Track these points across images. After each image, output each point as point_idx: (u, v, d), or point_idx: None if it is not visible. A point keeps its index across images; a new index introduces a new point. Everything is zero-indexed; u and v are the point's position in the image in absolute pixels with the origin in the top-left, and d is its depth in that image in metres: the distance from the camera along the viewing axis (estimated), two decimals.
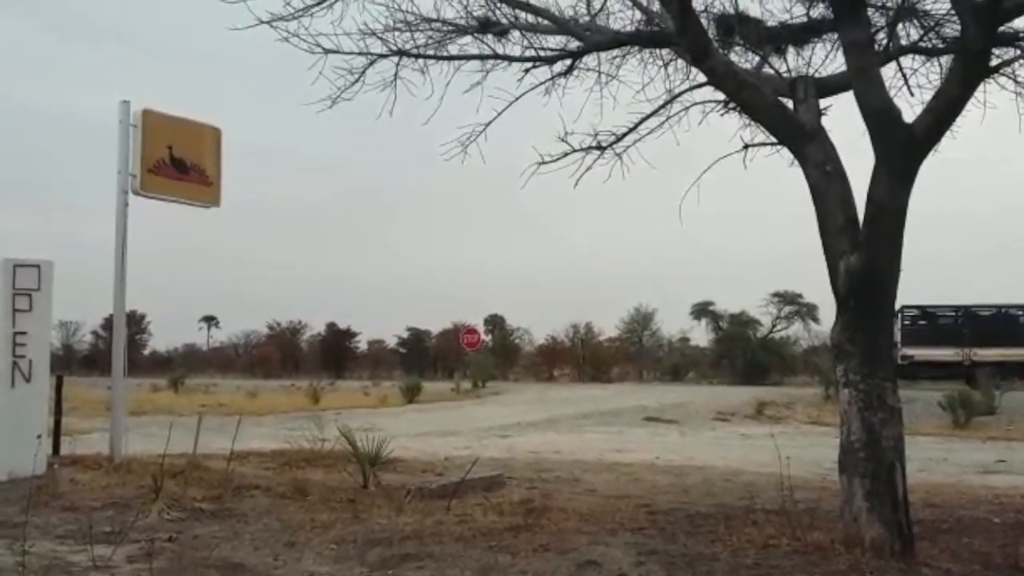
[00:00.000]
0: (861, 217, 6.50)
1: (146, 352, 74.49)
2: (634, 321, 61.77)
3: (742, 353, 54.57)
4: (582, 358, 56.40)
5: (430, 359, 68.36)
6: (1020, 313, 38.03)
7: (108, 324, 47.36)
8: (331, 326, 73.09)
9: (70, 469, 9.34)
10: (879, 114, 6.37)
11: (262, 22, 7.54)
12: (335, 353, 70.75)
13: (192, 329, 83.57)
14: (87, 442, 11.86)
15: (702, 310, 59.64)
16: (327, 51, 7.74)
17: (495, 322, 69.63)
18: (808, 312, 56.46)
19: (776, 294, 57.65)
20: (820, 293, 38.88)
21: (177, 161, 10.67)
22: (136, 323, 68.60)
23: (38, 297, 9.04)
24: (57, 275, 9.30)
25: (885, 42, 7.76)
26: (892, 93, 7.07)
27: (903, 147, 6.31)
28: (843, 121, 7.32)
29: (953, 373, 33.83)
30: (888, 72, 7.68)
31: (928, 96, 7.01)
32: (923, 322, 36.08)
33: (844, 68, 7.24)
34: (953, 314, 36.58)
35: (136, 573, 5.51)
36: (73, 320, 70.14)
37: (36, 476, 8.40)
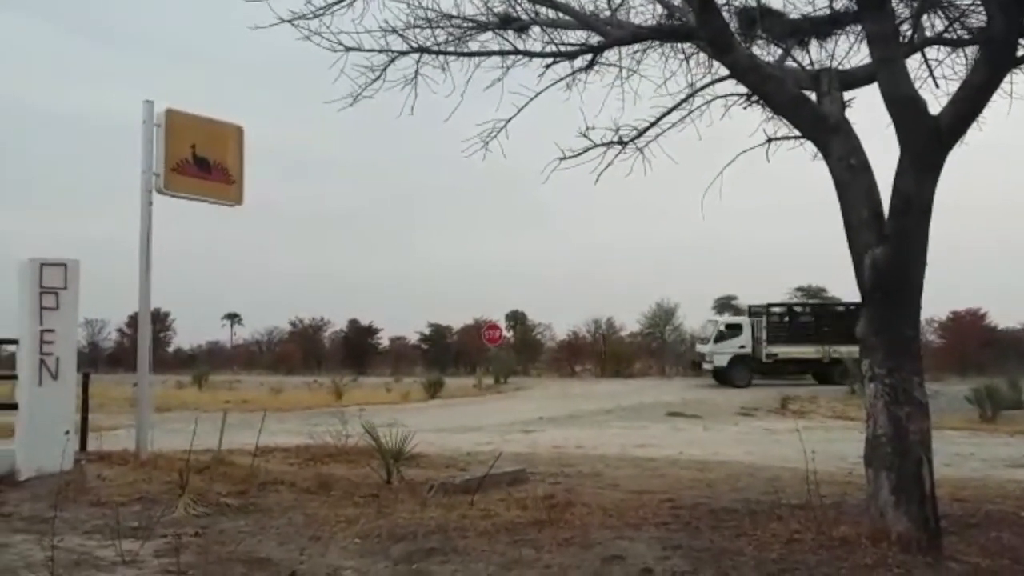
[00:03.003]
0: (886, 210, 6.45)
1: (171, 349, 75.03)
2: (656, 316, 61.44)
3: None
4: (603, 353, 56.13)
5: (452, 355, 68.35)
6: None
7: (133, 322, 47.79)
8: (353, 323, 73.35)
9: (97, 465, 9.42)
10: (904, 106, 6.31)
11: (283, 21, 7.56)
12: (357, 350, 70.93)
13: (215, 326, 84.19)
14: (114, 438, 11.99)
15: (725, 304, 59.39)
16: (348, 49, 7.75)
17: (516, 318, 69.55)
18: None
19: (800, 288, 57.31)
20: (844, 287, 38.70)
21: (200, 160, 10.73)
22: (161, 321, 69.14)
23: (64, 296, 9.12)
24: (82, 273, 9.38)
25: (910, 33, 7.69)
26: (917, 85, 7.01)
27: (929, 139, 6.25)
28: (867, 113, 7.28)
29: (814, 369, 34.70)
30: (913, 63, 7.63)
31: (953, 87, 6.95)
32: (786, 320, 36.56)
33: (868, 60, 7.19)
34: (812, 312, 37.57)
35: (163, 567, 5.56)
36: (98, 318, 70.82)
37: (64, 472, 8.47)
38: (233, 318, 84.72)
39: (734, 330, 35.06)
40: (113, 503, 7.51)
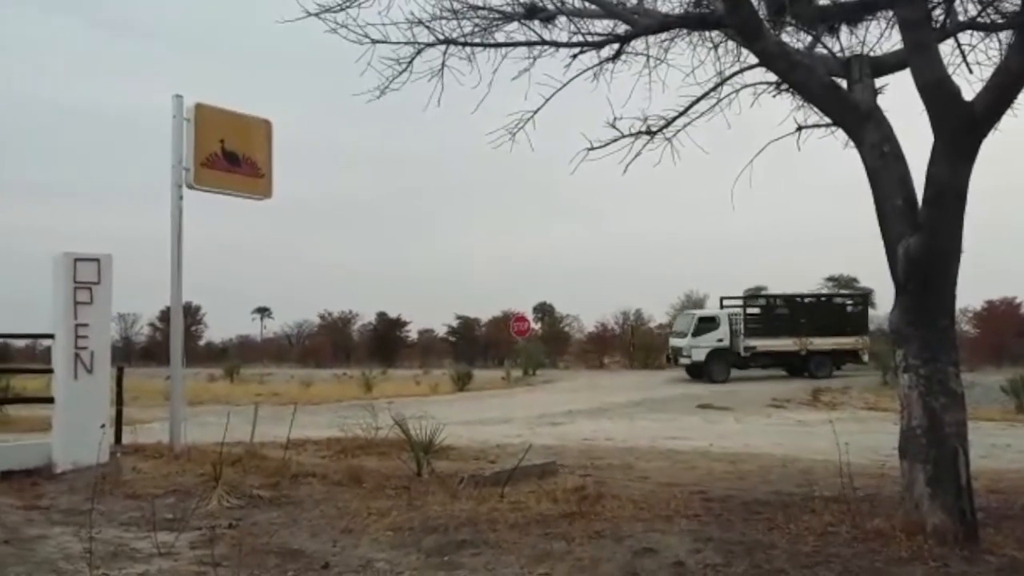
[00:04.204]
0: (920, 198, 6.36)
1: (202, 343, 75.68)
2: (684, 307, 61.21)
3: None
4: (632, 345, 55.91)
5: (480, 347, 68.39)
6: (849, 302, 38.75)
7: (165, 316, 48.25)
8: (382, 316, 73.61)
9: (132, 458, 9.55)
10: (937, 92, 6.20)
11: (310, 14, 7.59)
12: (386, 342, 71.20)
13: (246, 320, 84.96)
14: (148, 431, 12.12)
15: (754, 296, 58.81)
16: (375, 41, 7.76)
17: (544, 310, 69.51)
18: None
19: (830, 278, 56.67)
20: (876, 277, 38.33)
21: (229, 154, 10.82)
22: (192, 315, 69.83)
23: (98, 290, 9.24)
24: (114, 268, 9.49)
25: (942, 18, 7.55)
26: (950, 71, 6.88)
27: (963, 125, 6.14)
28: (900, 100, 7.17)
29: (791, 362, 34.20)
30: (945, 49, 7.48)
31: (987, 73, 6.81)
32: (763, 313, 36.08)
33: (900, 46, 7.09)
34: (789, 304, 36.70)
35: (198, 559, 5.62)
36: (131, 312, 71.68)
37: (100, 465, 8.61)
38: (263, 312, 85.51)
39: (710, 323, 34.08)
40: (148, 495, 7.61)
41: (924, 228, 6.21)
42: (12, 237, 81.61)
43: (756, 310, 36.06)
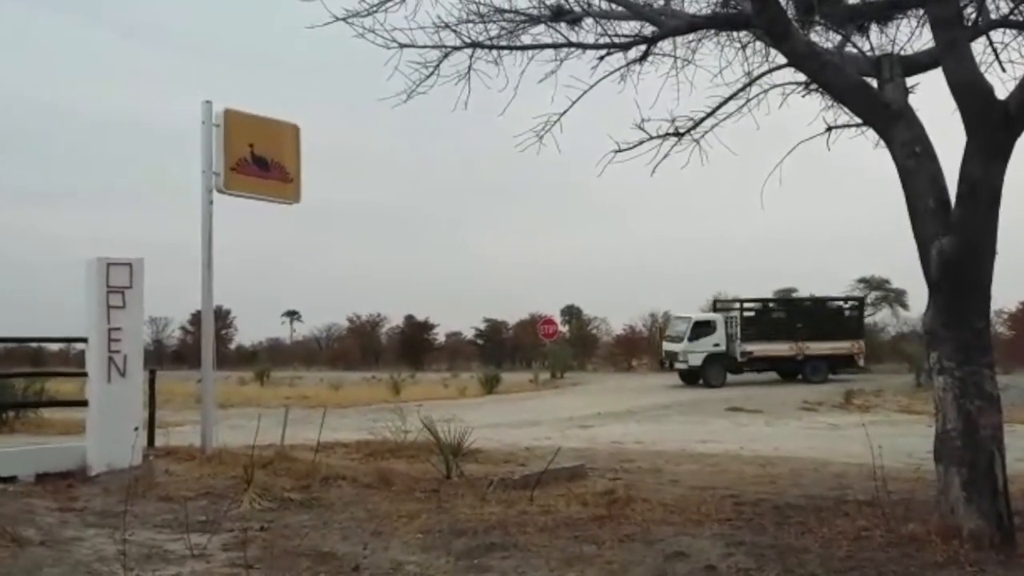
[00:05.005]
0: (953, 198, 6.28)
1: (232, 346, 76.33)
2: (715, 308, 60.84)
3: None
4: (661, 348, 55.70)
5: (508, 350, 68.43)
6: (845, 305, 38.10)
7: (196, 320, 48.68)
8: (409, 319, 73.85)
9: (165, 460, 9.64)
10: (970, 90, 6.12)
11: (338, 19, 7.62)
12: (414, 345, 71.41)
13: (275, 324, 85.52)
14: (179, 434, 12.24)
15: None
16: (402, 45, 7.78)
17: (572, 312, 69.39)
18: (896, 298, 54.75)
19: (862, 280, 55.99)
20: (908, 278, 37.80)
21: (258, 159, 10.88)
22: (222, 318, 70.40)
23: (130, 294, 9.33)
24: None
25: (974, 16, 7.46)
26: (982, 69, 6.80)
27: (997, 124, 6.05)
28: (932, 99, 7.09)
29: (786, 367, 33.70)
30: (977, 47, 7.38)
31: (1020, 71, 6.75)
32: (759, 317, 35.61)
33: (931, 44, 7.00)
34: (785, 308, 36.68)
35: (231, 561, 5.66)
36: (162, 316, 72.47)
37: (133, 467, 8.69)
38: (292, 315, 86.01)
39: (706, 328, 33.54)
40: (181, 498, 7.67)
41: (957, 228, 6.13)
42: (45, 242, 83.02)
43: (751, 314, 35.65)
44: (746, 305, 36.46)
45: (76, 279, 9.51)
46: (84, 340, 9.45)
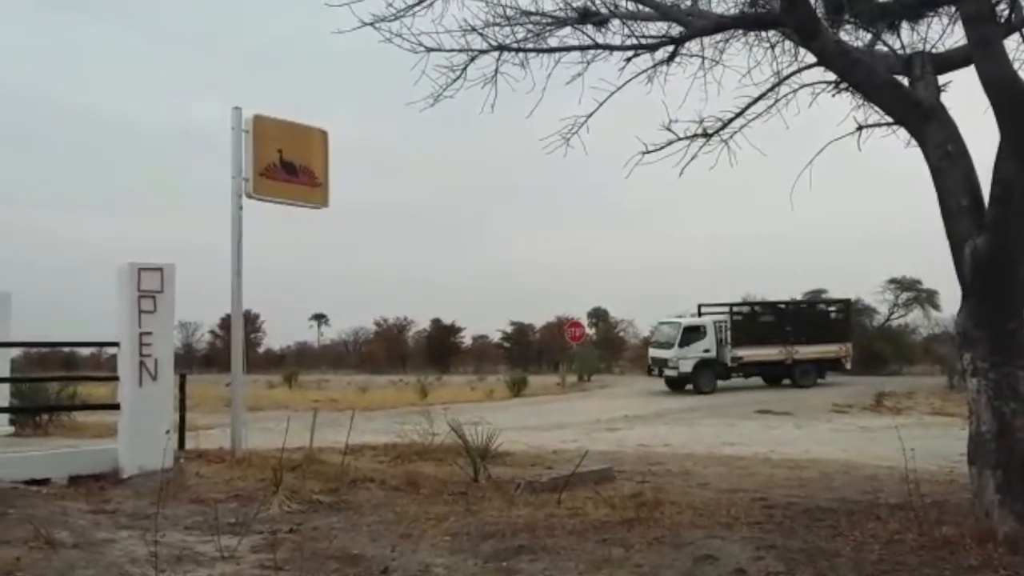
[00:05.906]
0: (986, 198, 6.19)
1: (261, 350, 77.00)
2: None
3: (858, 342, 52.66)
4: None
5: (534, 353, 68.48)
6: (832, 308, 37.51)
7: (225, 324, 49.21)
8: (436, 322, 74.17)
9: (195, 463, 9.71)
10: (1004, 89, 6.02)
11: (365, 24, 7.65)
12: (440, 348, 71.68)
13: (303, 327, 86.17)
14: (209, 437, 12.32)
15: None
16: (429, 49, 7.80)
17: (599, 315, 69.27)
18: (927, 299, 54.00)
19: (893, 280, 55.31)
20: (941, 278, 37.35)
21: (287, 164, 10.96)
22: (251, 322, 71.01)
23: (161, 299, 9.42)
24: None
25: (1007, 12, 7.35)
26: (1016, 66, 6.70)
27: None
28: (964, 98, 7.00)
29: (775, 371, 33.10)
30: (1010, 45, 7.27)
31: None
32: (749, 322, 34.69)
33: (963, 42, 6.91)
34: (773, 312, 35.62)
35: (260, 563, 5.69)
36: (192, 320, 73.20)
37: (164, 470, 8.76)
38: (320, 319, 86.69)
39: (696, 333, 32.57)
40: (211, 500, 7.73)
41: (991, 228, 6.05)
42: (77, 247, 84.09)
43: (740, 319, 34.79)
44: (735, 309, 35.61)
45: (106, 284, 9.62)
46: (116, 344, 9.55)
